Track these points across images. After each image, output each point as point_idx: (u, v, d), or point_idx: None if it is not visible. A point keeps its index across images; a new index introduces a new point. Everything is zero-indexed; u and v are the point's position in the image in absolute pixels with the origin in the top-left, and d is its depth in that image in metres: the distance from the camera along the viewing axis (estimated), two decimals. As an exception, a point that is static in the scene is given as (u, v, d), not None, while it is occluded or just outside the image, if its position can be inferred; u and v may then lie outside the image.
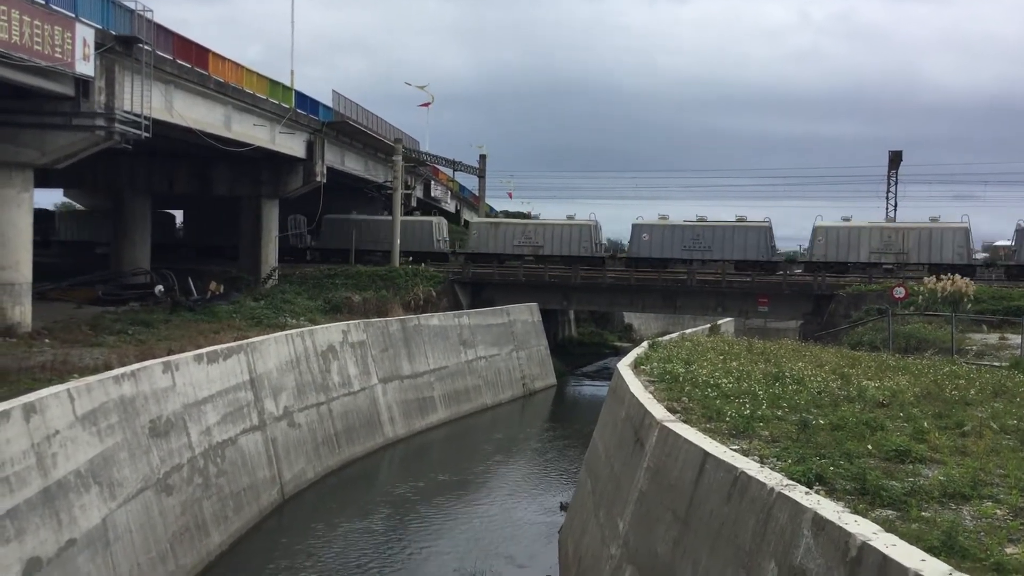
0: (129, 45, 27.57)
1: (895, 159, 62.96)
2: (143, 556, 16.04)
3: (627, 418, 15.56)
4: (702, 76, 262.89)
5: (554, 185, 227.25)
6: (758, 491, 8.97)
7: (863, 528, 7.23)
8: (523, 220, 58.98)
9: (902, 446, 10.40)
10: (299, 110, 41.90)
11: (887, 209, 62.14)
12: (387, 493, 26.25)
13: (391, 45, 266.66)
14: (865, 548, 6.87)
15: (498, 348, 42.49)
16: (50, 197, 78.63)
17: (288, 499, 23.93)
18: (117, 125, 26.97)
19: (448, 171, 72.99)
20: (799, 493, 8.42)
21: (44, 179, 37.53)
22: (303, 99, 42.89)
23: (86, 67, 25.38)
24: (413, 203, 59.71)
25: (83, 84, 26.25)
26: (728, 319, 49.00)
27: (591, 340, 62.13)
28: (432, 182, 69.07)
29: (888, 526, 7.44)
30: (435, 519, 23.36)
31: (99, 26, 26.48)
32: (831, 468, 9.39)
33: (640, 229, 50.89)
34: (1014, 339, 27.12)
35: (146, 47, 28.01)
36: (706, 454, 10.57)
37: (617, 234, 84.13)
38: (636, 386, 16.07)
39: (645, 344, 24.12)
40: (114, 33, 27.17)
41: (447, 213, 72.83)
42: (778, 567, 8.16)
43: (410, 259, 51.44)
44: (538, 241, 52.70)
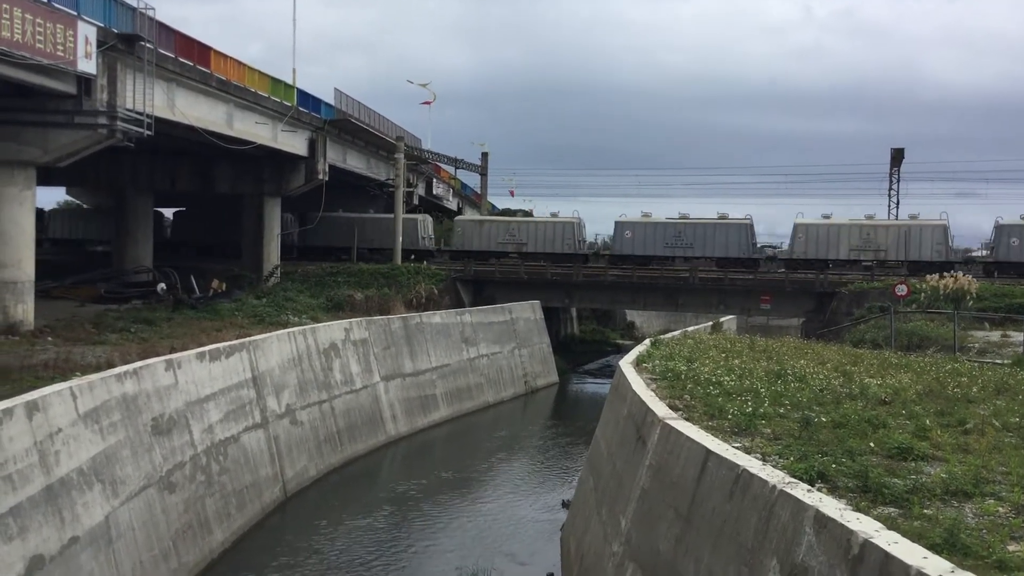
0: (131, 43, 27.58)
1: (897, 156, 62.82)
2: (146, 554, 16.07)
3: (629, 416, 15.56)
4: (704, 74, 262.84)
5: (556, 183, 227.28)
6: (760, 489, 8.97)
7: (865, 526, 7.22)
8: (507, 218, 59.22)
9: (904, 444, 10.39)
10: (301, 108, 41.91)
11: (889, 207, 62.02)
12: (389, 491, 26.27)
13: (392, 43, 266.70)
14: (867, 546, 6.87)
15: (500, 346, 42.50)
16: (52, 195, 78.80)
17: (290, 497, 23.96)
18: (119, 123, 26.98)
19: (450, 169, 72.96)
20: (801, 491, 8.42)
21: (46, 177, 37.57)
22: (305, 97, 42.90)
23: (88, 65, 25.40)
24: (415, 201, 59.68)
25: (85, 82, 26.26)
26: (730, 317, 49.00)
27: (593, 338, 62.15)
28: (434, 180, 69.04)
29: (890, 524, 7.44)
30: (437, 517, 23.38)
31: (101, 24, 26.50)
32: (833, 466, 9.38)
33: (623, 227, 51.36)
34: (1016, 336, 27.08)
35: (148, 45, 28.02)
36: (708, 452, 10.57)
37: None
38: (638, 384, 16.07)
39: (647, 342, 24.12)
40: (116, 31, 27.19)
41: (449, 211, 72.82)
42: (780, 565, 8.16)
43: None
44: (522, 238, 53.13)
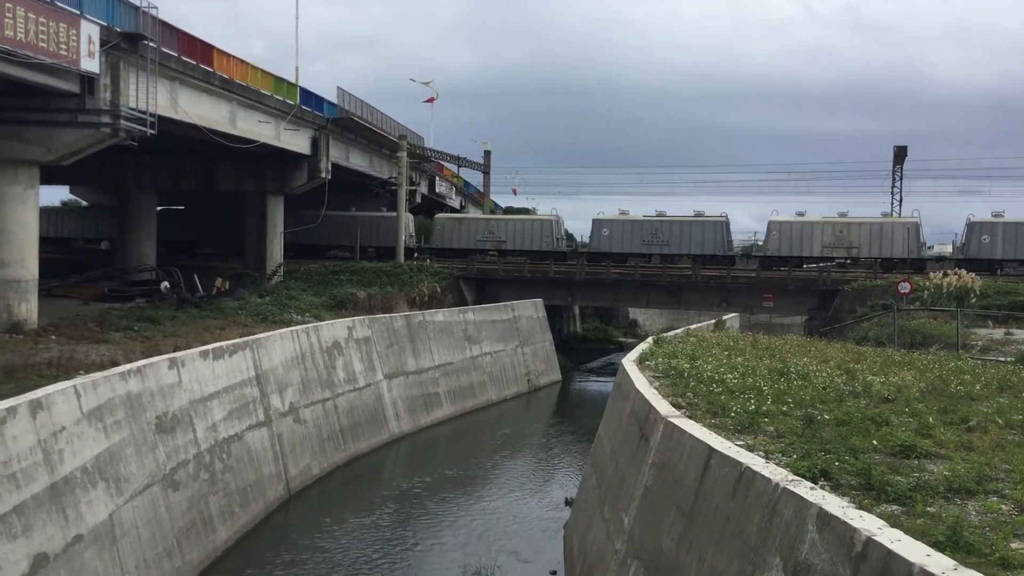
0: (134, 42, 27.60)
1: (900, 154, 62.76)
2: (150, 552, 16.11)
3: (632, 414, 15.57)
4: (706, 71, 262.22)
5: (559, 181, 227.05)
6: (763, 486, 8.97)
7: (868, 523, 7.23)
8: (486, 216, 59.52)
9: (907, 441, 10.39)
10: (304, 106, 41.93)
11: (892, 204, 61.98)
12: (393, 489, 26.30)
13: (395, 42, 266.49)
14: (870, 543, 6.88)
15: (503, 344, 42.52)
16: (56, 194, 78.84)
17: (294, 495, 23.99)
18: (122, 122, 27.01)
19: (453, 167, 72.92)
20: (804, 488, 8.42)
21: (50, 176, 37.61)
22: (308, 95, 42.92)
23: (91, 64, 25.42)
24: (418, 199, 59.70)
25: (88, 81, 26.29)
26: (733, 314, 48.99)
27: (596, 336, 62.16)
28: (437, 178, 69.02)
29: (893, 521, 7.45)
30: (440, 514, 23.40)
31: (104, 23, 26.52)
32: (836, 463, 9.39)
33: (600, 224, 51.91)
34: (1020, 334, 27.10)
35: (151, 44, 28.05)
36: (711, 449, 10.58)
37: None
38: (641, 382, 16.08)
39: (650, 340, 24.11)
40: (119, 30, 27.21)
41: (452, 209, 72.86)
42: (783, 562, 8.17)
43: (370, 253, 52.93)
44: (500, 236, 53.66)
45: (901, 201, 62.17)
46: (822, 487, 8.61)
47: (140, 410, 17.10)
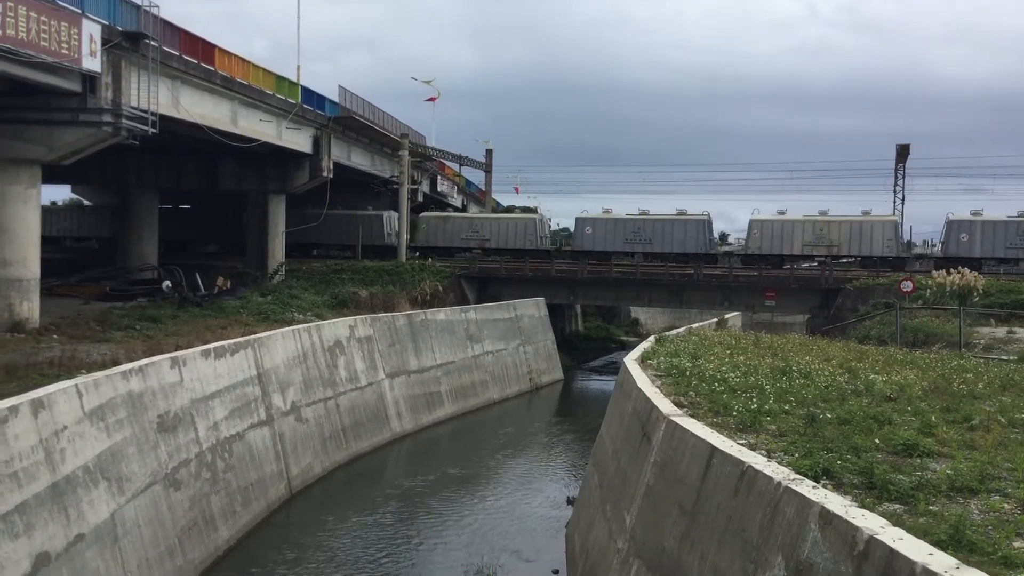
0: (135, 41, 27.60)
1: (903, 152, 62.65)
2: (151, 551, 16.11)
3: (634, 412, 15.56)
4: (708, 70, 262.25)
5: (561, 180, 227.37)
6: (765, 485, 8.96)
7: (870, 522, 7.22)
8: (470, 214, 59.92)
9: (910, 440, 10.37)
10: (305, 105, 41.93)
11: (894, 202, 61.89)
12: (395, 487, 26.29)
13: (397, 41, 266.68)
14: (872, 542, 6.86)
15: (505, 343, 42.51)
16: (58, 193, 78.95)
17: (296, 494, 24.00)
18: (124, 121, 27.02)
19: (455, 166, 72.90)
20: (806, 487, 8.41)
21: (51, 175, 37.60)
22: (309, 94, 42.93)
23: (93, 63, 25.43)
24: (419, 198, 59.73)
25: (90, 80, 26.29)
26: (735, 313, 48.99)
27: (598, 335, 62.14)
28: (438, 177, 69.00)
29: (895, 520, 7.44)
30: (442, 513, 23.39)
31: (105, 22, 26.54)
32: (838, 462, 9.38)
33: (584, 223, 52.40)
34: (1022, 333, 27.06)
35: (152, 43, 28.04)
36: (713, 448, 10.57)
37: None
38: (643, 381, 16.06)
39: (652, 338, 24.09)
40: (120, 29, 27.21)
41: (454, 207, 72.86)
42: (785, 561, 8.16)
43: (347, 252, 53.27)
44: (485, 235, 54.25)
45: (904, 200, 62.05)
46: (824, 486, 8.60)
47: (142, 409, 17.11)
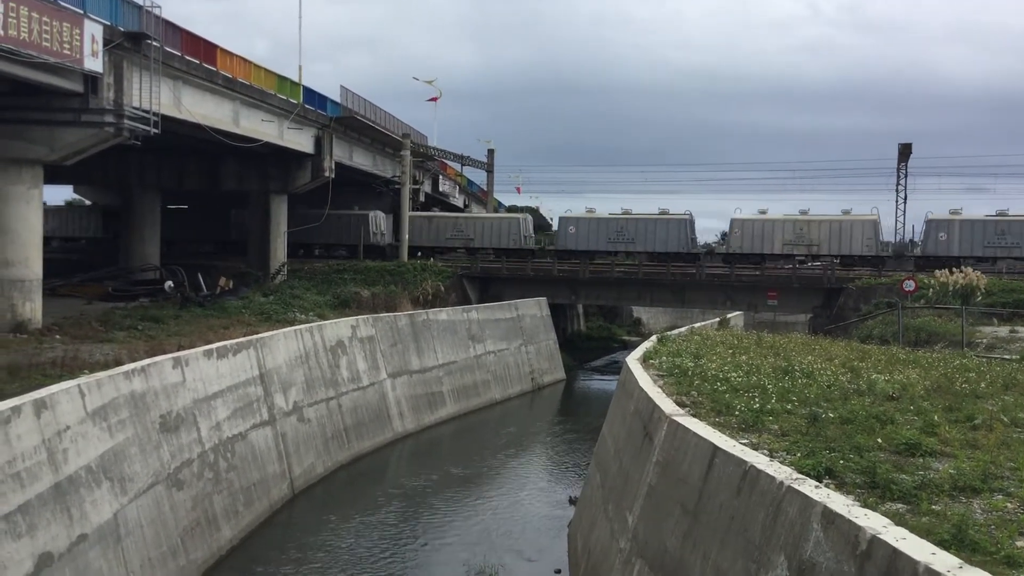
0: (137, 41, 27.60)
1: (904, 152, 62.61)
2: (154, 551, 16.12)
3: (636, 412, 15.55)
4: (710, 69, 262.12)
5: (563, 179, 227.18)
6: (768, 485, 8.95)
7: (873, 522, 7.21)
8: (455, 214, 60.26)
9: (912, 440, 10.37)
10: (307, 105, 41.93)
11: (897, 202, 61.84)
12: (397, 487, 26.30)
13: (398, 41, 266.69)
14: (875, 542, 6.86)
15: (507, 343, 42.51)
16: (60, 193, 79.05)
17: (298, 494, 24.01)
18: (126, 121, 27.02)
19: (456, 166, 72.94)
20: (809, 487, 8.40)
21: (53, 175, 37.66)
22: (311, 94, 42.92)
23: (95, 63, 25.43)
24: (421, 198, 59.77)
25: (92, 80, 26.29)
26: (737, 313, 49.00)
27: (600, 334, 62.14)
28: (440, 177, 69.02)
29: (898, 520, 7.43)
30: (444, 513, 23.40)
31: (107, 22, 26.53)
32: (841, 462, 9.37)
33: (567, 222, 52.84)
34: (1025, 332, 27.00)
35: (154, 43, 28.03)
36: (715, 448, 10.56)
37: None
38: (645, 380, 16.06)
39: (654, 338, 24.09)
40: (122, 29, 27.21)
41: (456, 208, 72.87)
42: (788, 561, 8.15)
43: (342, 253, 53.29)
44: (469, 234, 54.75)
45: (906, 199, 62.00)
46: (827, 485, 8.59)
47: (144, 409, 17.12)
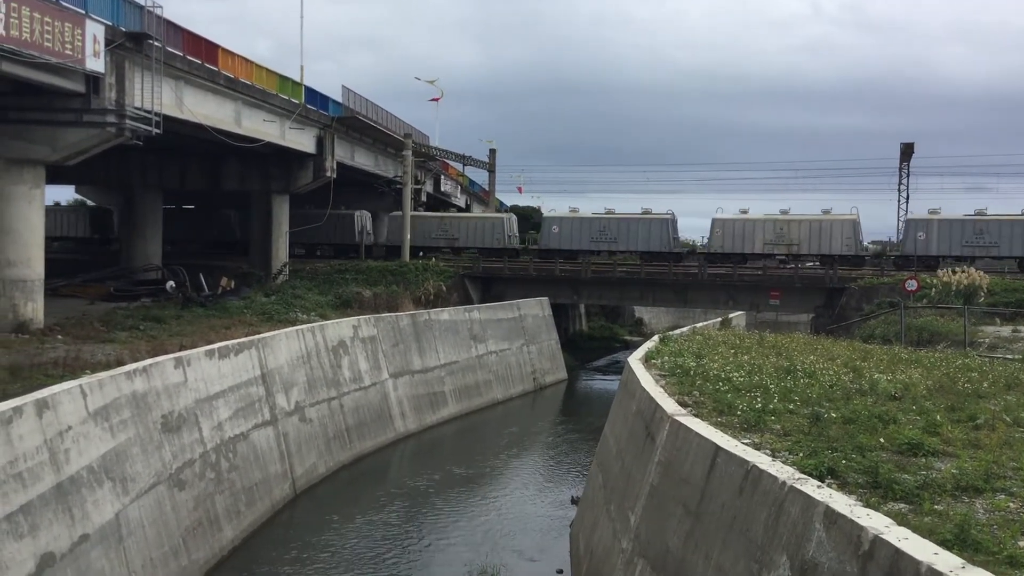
0: (139, 41, 27.61)
1: (907, 151, 62.58)
2: (156, 551, 16.13)
3: (638, 412, 15.54)
4: (711, 69, 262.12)
5: (565, 179, 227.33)
6: (770, 485, 8.94)
7: (875, 521, 7.20)
8: (440, 214, 60.52)
9: (914, 439, 10.35)
10: (309, 105, 41.92)
11: (899, 201, 61.81)
12: (399, 487, 26.30)
13: (400, 40, 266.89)
14: (877, 541, 6.84)
15: (508, 343, 42.50)
16: (61, 194, 79.09)
17: (300, 494, 24.01)
18: (128, 121, 27.03)
19: (458, 166, 72.96)
20: (811, 487, 8.39)
21: (55, 176, 37.69)
22: (313, 94, 42.91)
23: (96, 64, 25.44)
24: (423, 198, 59.82)
25: (93, 81, 26.30)
26: (739, 312, 49.00)
27: (601, 334, 62.13)
28: (442, 177, 69.03)
29: (901, 519, 7.42)
30: (446, 513, 23.40)
31: (109, 22, 26.53)
32: (843, 462, 9.36)
33: (550, 222, 53.45)
34: (1027, 332, 26.96)
35: (156, 43, 28.04)
36: (718, 448, 10.55)
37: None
38: (647, 380, 16.04)
39: (656, 338, 24.08)
40: (124, 29, 27.22)
41: (457, 207, 72.89)
42: (790, 561, 8.14)
43: (318, 251, 53.69)
44: (453, 234, 55.30)
45: (908, 198, 61.98)
46: (829, 485, 8.58)
47: (146, 409, 17.13)
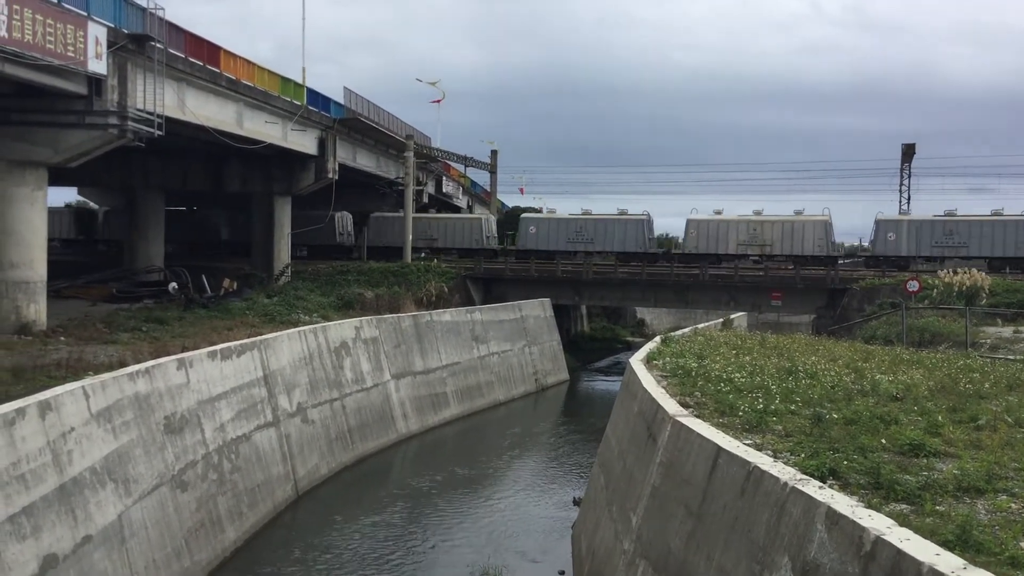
0: (141, 43, 27.65)
1: (908, 152, 62.64)
2: (159, 552, 16.14)
3: (640, 413, 15.55)
4: (714, 70, 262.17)
5: (566, 180, 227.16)
6: (772, 485, 8.95)
7: (877, 522, 7.21)
8: (420, 215, 60.78)
9: (916, 440, 10.36)
10: (311, 107, 41.93)
11: (900, 202, 61.85)
12: (401, 488, 26.31)
13: (402, 42, 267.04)
14: (879, 542, 6.85)
15: (510, 344, 42.51)
16: (64, 195, 79.10)
17: (302, 495, 24.03)
18: (130, 123, 27.05)
19: (460, 167, 72.96)
20: (813, 487, 8.40)
21: (57, 177, 37.72)
22: (315, 96, 42.92)
23: (99, 65, 25.47)
24: (425, 199, 59.87)
25: (96, 82, 26.33)
26: (741, 313, 48.99)
27: (603, 335, 62.14)
28: (444, 178, 69.04)
29: (902, 520, 7.42)
30: (448, 514, 23.40)
31: (111, 24, 26.56)
32: (845, 462, 9.36)
33: (527, 222, 54.13)
34: (1029, 332, 26.93)
35: (158, 45, 28.07)
36: (719, 449, 10.56)
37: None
38: (649, 381, 16.05)
39: (657, 339, 24.09)
40: (126, 31, 27.26)
41: (459, 209, 72.91)
42: (792, 561, 8.15)
43: (304, 252, 53.94)
44: (433, 235, 56.30)
45: (909, 199, 62.03)
46: (831, 486, 8.59)
47: (148, 411, 17.15)
